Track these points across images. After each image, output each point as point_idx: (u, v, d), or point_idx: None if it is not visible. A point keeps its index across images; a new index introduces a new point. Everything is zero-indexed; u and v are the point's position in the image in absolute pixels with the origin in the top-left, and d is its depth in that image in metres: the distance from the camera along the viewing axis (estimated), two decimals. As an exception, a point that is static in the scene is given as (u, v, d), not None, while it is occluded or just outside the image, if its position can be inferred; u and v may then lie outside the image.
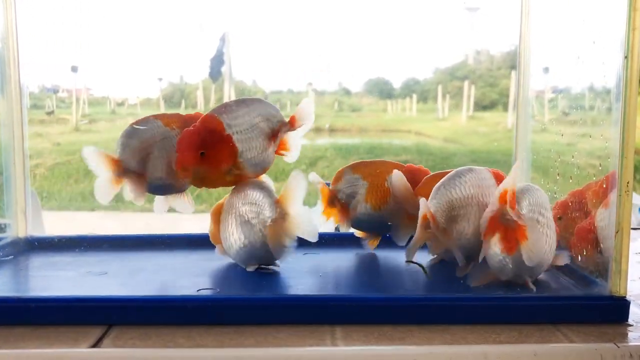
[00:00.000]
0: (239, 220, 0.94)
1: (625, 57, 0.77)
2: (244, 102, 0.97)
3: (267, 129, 0.98)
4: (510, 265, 0.85)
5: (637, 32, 0.76)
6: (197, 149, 0.89)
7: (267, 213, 0.92)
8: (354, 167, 1.08)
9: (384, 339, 0.76)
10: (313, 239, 0.92)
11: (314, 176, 1.06)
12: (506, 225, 0.84)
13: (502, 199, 0.84)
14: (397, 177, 0.99)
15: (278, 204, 0.93)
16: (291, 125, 1.02)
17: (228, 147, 0.92)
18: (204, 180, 0.93)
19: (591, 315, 0.81)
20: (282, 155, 1.03)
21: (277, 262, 0.97)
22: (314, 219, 0.95)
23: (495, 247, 0.85)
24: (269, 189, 0.96)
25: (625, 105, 0.78)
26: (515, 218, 0.83)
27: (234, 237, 0.94)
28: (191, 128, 0.91)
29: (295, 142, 1.04)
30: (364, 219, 1.05)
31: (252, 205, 0.94)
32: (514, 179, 0.86)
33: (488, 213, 0.87)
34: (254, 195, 0.95)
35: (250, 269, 0.97)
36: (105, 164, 0.94)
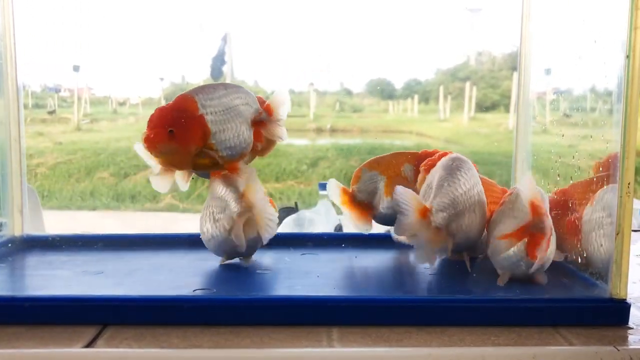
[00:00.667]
0: (209, 215, 0.96)
1: (627, 57, 0.76)
2: (223, 85, 0.95)
3: (246, 114, 0.95)
4: (524, 268, 0.89)
5: (639, 32, 0.75)
6: (165, 126, 0.87)
7: (232, 208, 0.93)
8: (370, 165, 1.08)
9: (381, 340, 0.75)
10: (271, 233, 0.95)
11: (333, 182, 1.09)
12: (534, 233, 0.88)
13: (535, 210, 0.88)
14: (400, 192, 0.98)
15: (242, 199, 0.94)
16: (269, 113, 1.00)
17: (199, 127, 0.89)
18: (172, 160, 0.90)
19: (591, 318, 0.80)
20: (257, 148, 1.00)
21: (250, 256, 1.00)
22: (274, 213, 0.96)
23: (521, 253, 0.88)
24: (234, 184, 0.96)
25: (627, 105, 0.77)
26: (548, 228, 0.88)
27: (206, 231, 0.97)
28: (164, 105, 0.90)
29: (279, 130, 1.02)
30: (388, 212, 1.05)
31: (218, 200, 0.96)
32: (535, 188, 0.90)
33: (518, 222, 0.89)
34: (220, 190, 0.96)
35: (224, 262, 0.99)
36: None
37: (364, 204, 1.08)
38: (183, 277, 0.94)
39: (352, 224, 1.09)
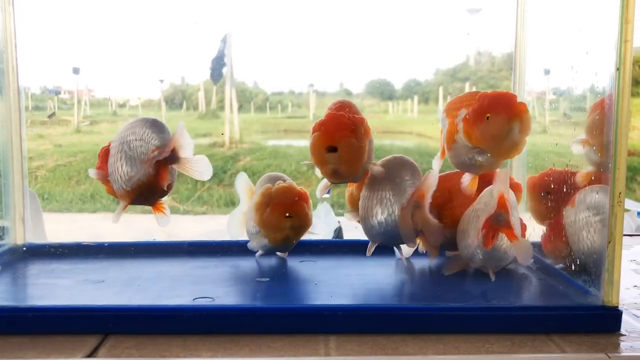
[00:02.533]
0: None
1: (617, 69, 0.77)
2: (137, 120, 0.97)
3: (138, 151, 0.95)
4: (481, 257, 0.96)
5: (629, 44, 0.77)
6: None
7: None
8: None
9: (378, 348, 0.77)
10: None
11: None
12: (495, 225, 0.92)
13: (501, 204, 0.92)
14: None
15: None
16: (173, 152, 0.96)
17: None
18: None
19: (583, 325, 0.82)
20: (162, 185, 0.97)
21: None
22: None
23: (476, 241, 0.95)
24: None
25: (617, 116, 0.78)
26: (508, 221, 0.92)
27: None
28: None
29: (197, 165, 0.98)
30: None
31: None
32: (507, 184, 0.92)
33: (483, 213, 0.94)
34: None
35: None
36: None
37: None
38: (183, 285, 0.96)
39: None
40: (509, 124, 0.89)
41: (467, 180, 0.99)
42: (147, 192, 0.96)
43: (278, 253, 1.09)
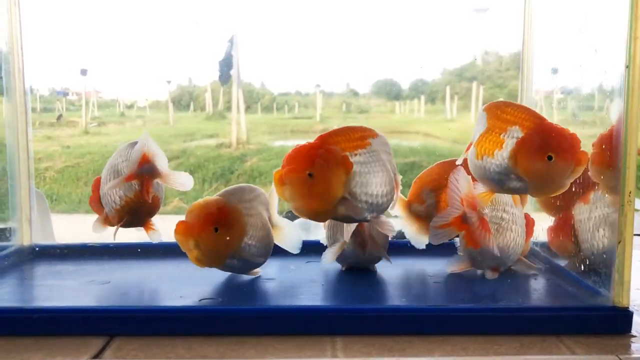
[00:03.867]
0: None
1: (627, 67, 0.76)
2: (125, 144, 1.02)
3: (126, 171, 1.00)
4: (479, 257, 0.95)
5: (639, 42, 0.76)
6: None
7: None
8: (428, 184, 1.06)
9: (385, 350, 0.76)
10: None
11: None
12: (471, 224, 0.93)
13: (469, 204, 0.92)
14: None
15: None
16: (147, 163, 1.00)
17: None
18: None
19: (594, 326, 0.81)
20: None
21: None
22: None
23: (463, 243, 0.96)
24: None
25: (627, 115, 0.77)
26: (475, 219, 0.92)
27: None
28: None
29: (179, 177, 1.01)
30: None
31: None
32: (469, 184, 0.92)
33: (452, 213, 0.93)
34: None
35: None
36: None
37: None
38: (189, 286, 0.95)
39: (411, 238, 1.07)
40: (571, 173, 0.83)
41: (481, 193, 0.93)
42: (135, 209, 1.00)
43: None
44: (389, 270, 1.04)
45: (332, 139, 0.86)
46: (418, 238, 1.05)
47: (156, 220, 1.06)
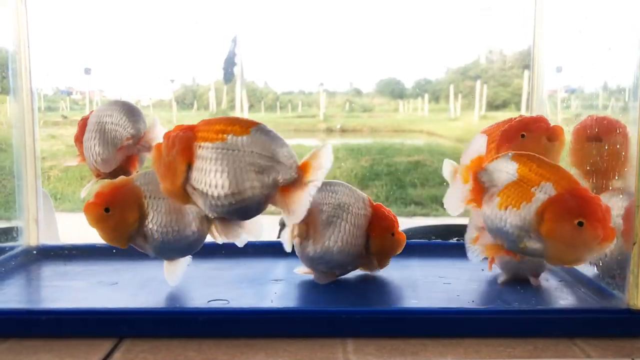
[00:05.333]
0: None
1: (642, 66, 0.75)
2: (115, 102, 1.01)
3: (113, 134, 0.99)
4: (522, 266, 0.95)
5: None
6: None
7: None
8: None
9: (396, 352, 0.75)
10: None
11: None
12: None
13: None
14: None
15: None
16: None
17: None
18: None
19: (608, 329, 0.80)
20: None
21: None
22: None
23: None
24: None
25: (642, 115, 0.76)
26: None
27: None
28: None
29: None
30: None
31: None
32: None
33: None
34: None
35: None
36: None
37: None
38: (197, 287, 0.95)
39: None
40: (596, 246, 0.77)
41: (488, 244, 0.88)
42: (113, 172, 0.99)
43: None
44: (399, 272, 1.03)
45: (200, 124, 0.82)
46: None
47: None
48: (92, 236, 1.13)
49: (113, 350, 0.76)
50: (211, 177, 0.79)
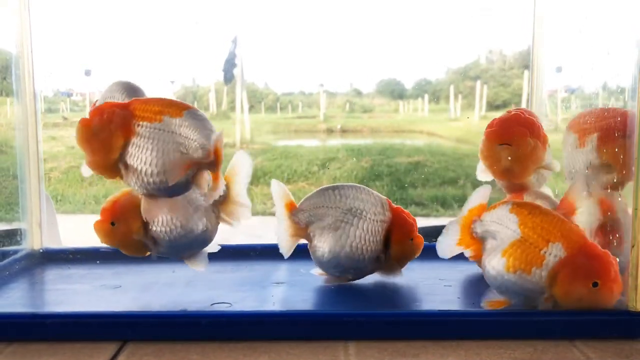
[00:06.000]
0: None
1: (641, 71, 0.76)
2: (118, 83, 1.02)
3: None
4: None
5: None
6: None
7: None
8: None
9: (398, 355, 0.76)
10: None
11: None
12: None
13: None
14: None
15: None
16: None
17: None
18: None
19: (608, 331, 0.80)
20: None
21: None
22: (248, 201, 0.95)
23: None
24: None
25: (640, 119, 0.77)
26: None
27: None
28: None
29: None
30: None
31: None
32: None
33: None
34: None
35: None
36: None
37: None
38: (200, 290, 0.96)
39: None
40: (612, 302, 0.80)
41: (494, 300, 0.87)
42: None
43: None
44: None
45: (136, 103, 0.85)
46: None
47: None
48: (93, 238, 1.14)
49: (117, 353, 0.77)
50: (146, 154, 0.82)
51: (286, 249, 0.98)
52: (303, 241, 0.99)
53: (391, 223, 0.96)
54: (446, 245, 0.92)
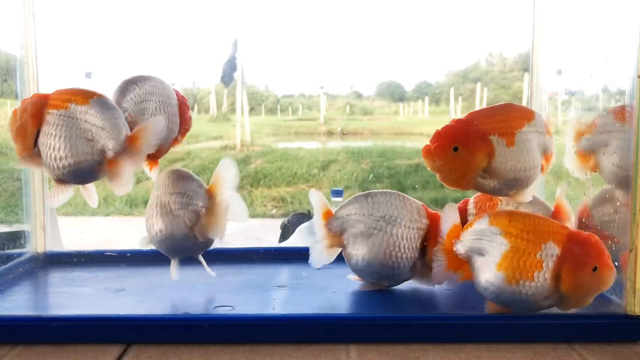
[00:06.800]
0: (163, 211, 0.93)
1: (639, 77, 0.77)
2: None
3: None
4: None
5: (650, 53, 0.76)
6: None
7: (200, 203, 0.93)
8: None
9: (398, 358, 0.77)
10: (243, 220, 0.95)
11: None
12: None
13: None
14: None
15: (208, 193, 0.94)
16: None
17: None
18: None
19: (606, 335, 0.81)
20: None
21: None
22: (243, 203, 0.96)
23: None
24: (198, 179, 0.96)
25: (638, 124, 0.78)
26: None
27: (157, 227, 0.94)
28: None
29: None
30: None
31: (179, 196, 0.93)
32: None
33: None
34: (180, 184, 0.94)
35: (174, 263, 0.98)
36: None
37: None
38: (203, 293, 0.97)
39: None
40: (610, 280, 0.81)
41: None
42: None
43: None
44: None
45: (53, 93, 0.88)
46: None
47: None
48: (94, 240, 1.14)
49: (121, 356, 0.78)
50: (53, 141, 0.85)
51: (318, 259, 0.97)
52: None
53: (428, 229, 0.95)
54: (441, 274, 0.89)
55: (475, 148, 0.87)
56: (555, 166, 1.02)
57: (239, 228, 1.01)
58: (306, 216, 3.01)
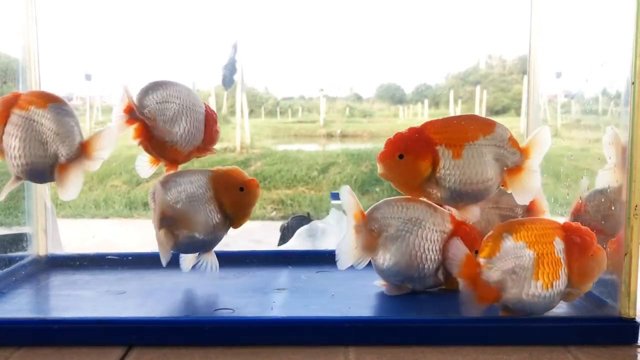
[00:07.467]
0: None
1: (633, 84, 0.78)
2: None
3: None
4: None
5: (645, 59, 0.77)
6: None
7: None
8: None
9: (397, 360, 0.78)
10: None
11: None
12: None
13: None
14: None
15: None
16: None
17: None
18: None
19: (601, 337, 0.82)
20: None
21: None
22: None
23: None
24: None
25: (633, 129, 0.79)
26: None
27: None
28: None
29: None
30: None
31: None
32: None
33: None
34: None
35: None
36: None
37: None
38: (203, 296, 0.98)
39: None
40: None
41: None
42: None
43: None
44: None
45: (25, 94, 0.93)
46: None
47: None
48: (94, 243, 1.15)
49: (123, 358, 0.79)
50: (13, 141, 0.90)
51: (346, 260, 0.96)
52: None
53: (451, 235, 0.95)
54: (474, 309, 0.85)
55: (420, 156, 0.90)
56: (555, 167, 1.04)
57: (238, 230, 1.04)
58: (305, 219, 3.01)
